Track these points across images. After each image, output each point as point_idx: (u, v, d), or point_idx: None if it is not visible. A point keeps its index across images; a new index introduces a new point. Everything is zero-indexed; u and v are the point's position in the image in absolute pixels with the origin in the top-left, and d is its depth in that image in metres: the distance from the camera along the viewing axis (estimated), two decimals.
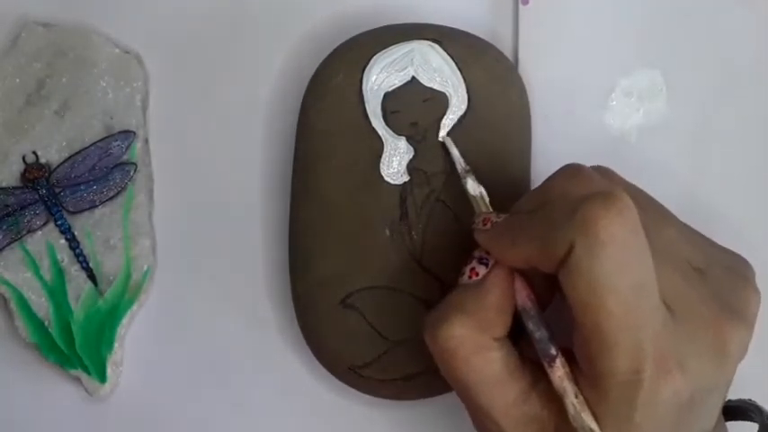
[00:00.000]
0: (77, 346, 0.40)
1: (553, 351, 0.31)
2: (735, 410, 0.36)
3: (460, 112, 0.39)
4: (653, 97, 0.41)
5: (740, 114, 0.41)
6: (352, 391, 0.39)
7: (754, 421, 0.35)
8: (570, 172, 0.33)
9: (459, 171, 0.37)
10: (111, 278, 0.40)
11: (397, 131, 0.39)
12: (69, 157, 0.41)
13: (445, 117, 0.39)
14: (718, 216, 0.40)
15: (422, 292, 0.38)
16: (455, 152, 0.38)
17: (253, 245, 0.41)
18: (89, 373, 0.40)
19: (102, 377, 0.40)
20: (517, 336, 0.33)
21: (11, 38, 0.42)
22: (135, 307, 0.41)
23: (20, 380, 0.41)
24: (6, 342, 0.41)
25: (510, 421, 0.32)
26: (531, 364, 0.33)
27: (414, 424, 0.40)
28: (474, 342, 0.32)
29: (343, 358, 0.38)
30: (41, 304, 0.40)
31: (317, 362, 0.39)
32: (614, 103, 0.41)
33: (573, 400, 0.31)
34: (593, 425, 0.30)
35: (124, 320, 0.40)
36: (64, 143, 0.41)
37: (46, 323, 0.40)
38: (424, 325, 0.33)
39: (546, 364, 0.31)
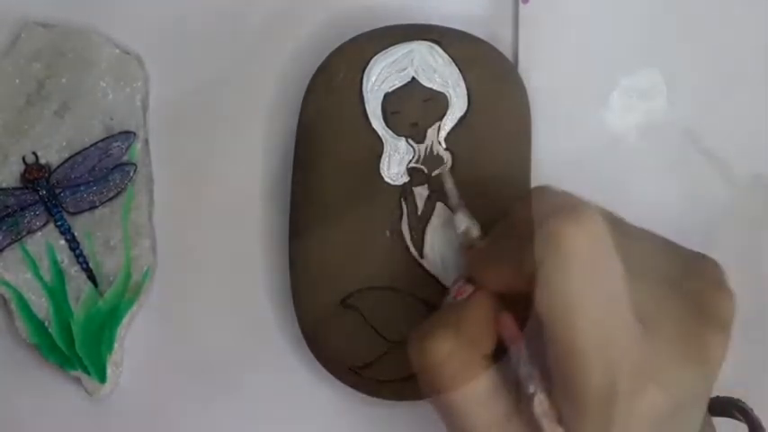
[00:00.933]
0: (77, 346, 0.40)
1: (531, 389, 0.31)
2: (721, 407, 0.35)
3: (460, 113, 0.39)
4: (653, 97, 0.41)
5: (741, 114, 0.41)
6: (353, 391, 0.39)
7: (739, 420, 0.35)
8: (537, 192, 0.33)
9: (452, 204, 0.37)
10: (111, 279, 0.40)
11: (397, 132, 0.39)
12: (69, 158, 0.41)
13: (445, 117, 0.39)
14: (719, 215, 0.40)
15: (422, 292, 0.38)
16: (449, 186, 0.37)
17: (253, 245, 0.41)
18: (89, 374, 0.40)
19: (102, 377, 0.40)
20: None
21: (11, 38, 0.42)
22: (135, 307, 0.41)
23: (20, 380, 0.41)
24: (6, 343, 0.41)
25: None
26: (514, 385, 0.32)
27: (414, 425, 0.40)
28: (463, 358, 0.32)
29: (343, 359, 0.38)
30: (41, 305, 0.40)
31: (316, 362, 0.39)
32: (614, 103, 0.41)
33: None
34: None
35: (124, 321, 0.40)
36: (64, 144, 0.41)
37: (46, 324, 0.40)
38: (410, 341, 0.33)
39: (527, 401, 0.31)
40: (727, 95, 0.41)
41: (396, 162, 0.39)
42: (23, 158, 0.41)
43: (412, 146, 0.39)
